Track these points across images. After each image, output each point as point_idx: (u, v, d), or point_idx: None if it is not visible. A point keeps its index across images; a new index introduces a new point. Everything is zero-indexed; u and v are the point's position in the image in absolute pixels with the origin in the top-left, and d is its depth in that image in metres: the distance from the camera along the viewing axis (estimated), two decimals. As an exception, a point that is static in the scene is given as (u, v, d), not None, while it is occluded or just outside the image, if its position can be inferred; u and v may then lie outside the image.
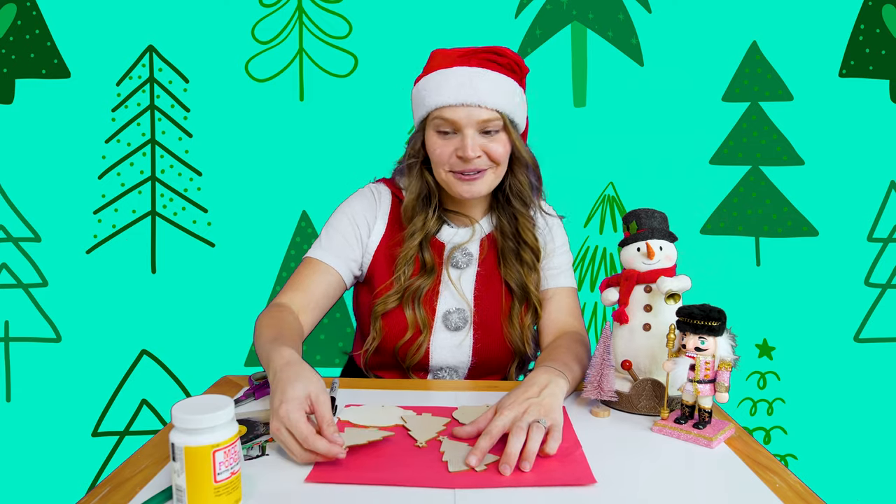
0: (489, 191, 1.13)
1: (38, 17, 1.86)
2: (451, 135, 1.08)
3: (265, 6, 1.91)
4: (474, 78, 1.06)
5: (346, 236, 1.15)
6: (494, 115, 1.07)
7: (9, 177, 1.89)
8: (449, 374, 1.17)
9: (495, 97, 1.07)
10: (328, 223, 1.17)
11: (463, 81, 1.06)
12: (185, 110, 1.92)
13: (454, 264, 1.16)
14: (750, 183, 1.95)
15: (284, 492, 0.70)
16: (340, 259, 1.14)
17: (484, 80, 1.06)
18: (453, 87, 1.06)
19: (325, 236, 1.16)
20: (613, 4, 1.92)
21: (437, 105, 1.07)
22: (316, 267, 1.13)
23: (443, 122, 1.07)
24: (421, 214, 1.15)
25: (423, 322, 1.13)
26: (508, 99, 1.09)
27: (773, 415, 1.98)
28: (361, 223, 1.16)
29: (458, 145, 1.07)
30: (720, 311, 0.82)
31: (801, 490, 0.72)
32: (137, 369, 1.94)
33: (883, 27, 1.91)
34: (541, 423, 0.77)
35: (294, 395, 0.75)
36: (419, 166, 1.15)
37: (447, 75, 1.07)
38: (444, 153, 1.09)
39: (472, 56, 1.09)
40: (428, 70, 1.11)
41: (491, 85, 1.07)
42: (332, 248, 1.14)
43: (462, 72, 1.07)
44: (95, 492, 0.70)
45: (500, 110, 1.07)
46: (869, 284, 1.96)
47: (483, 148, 1.08)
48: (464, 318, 1.15)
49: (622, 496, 0.69)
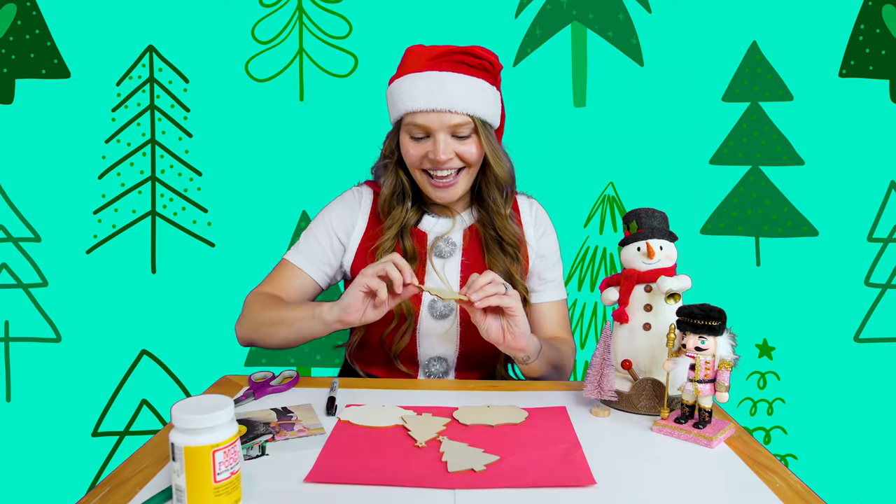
0: (463, 193, 1.16)
1: (38, 17, 1.86)
2: (424, 139, 1.10)
3: (265, 6, 1.91)
4: (444, 83, 1.07)
5: (321, 243, 1.20)
6: (465, 119, 1.08)
7: (9, 177, 1.89)
8: (439, 363, 1.18)
9: (465, 101, 1.07)
10: (308, 228, 1.23)
11: (432, 87, 1.07)
12: (185, 110, 1.92)
13: (438, 253, 1.18)
14: (750, 183, 1.95)
15: (284, 491, 0.70)
16: (314, 265, 1.19)
17: (454, 85, 1.07)
18: (423, 93, 1.07)
19: (304, 241, 1.21)
20: (613, 4, 1.92)
21: (408, 110, 1.09)
22: (293, 271, 1.19)
23: (414, 127, 1.09)
24: (397, 208, 1.18)
25: (408, 310, 1.15)
26: (480, 101, 1.09)
27: (773, 415, 1.98)
28: (339, 229, 1.21)
29: (431, 149, 1.09)
30: (720, 310, 0.82)
31: (801, 490, 0.72)
32: (137, 369, 1.95)
33: (883, 27, 1.91)
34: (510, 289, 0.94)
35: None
36: (394, 165, 1.18)
37: (417, 80, 1.08)
38: (417, 156, 1.11)
39: (442, 60, 1.09)
40: (400, 70, 1.13)
41: (461, 89, 1.07)
42: (307, 253, 1.20)
43: (431, 77, 1.07)
44: (95, 492, 0.70)
45: (471, 114, 1.08)
46: (869, 284, 1.96)
47: (455, 150, 1.10)
48: (449, 307, 1.16)
49: (622, 496, 0.69)
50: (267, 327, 1.10)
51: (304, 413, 0.92)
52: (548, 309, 1.24)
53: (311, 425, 0.88)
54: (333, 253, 1.20)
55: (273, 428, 0.86)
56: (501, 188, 1.17)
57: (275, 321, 1.08)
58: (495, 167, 1.14)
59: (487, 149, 1.12)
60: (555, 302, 1.25)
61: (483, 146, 1.11)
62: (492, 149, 1.13)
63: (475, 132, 1.11)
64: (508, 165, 1.18)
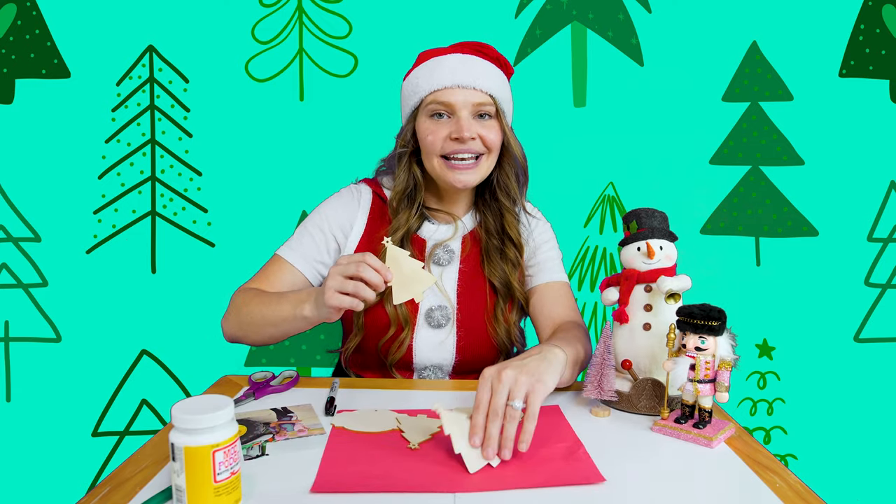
0: (480, 180, 1.15)
1: (38, 17, 1.86)
2: (446, 119, 1.11)
3: (265, 6, 1.91)
4: (466, 63, 1.11)
5: (316, 240, 1.17)
6: (488, 98, 1.11)
7: (9, 177, 1.89)
8: (434, 371, 1.17)
9: (489, 81, 1.11)
10: (303, 224, 1.20)
11: (456, 66, 1.10)
12: (185, 110, 1.92)
13: (436, 261, 1.17)
14: (750, 183, 1.95)
15: (284, 491, 0.69)
16: (307, 262, 1.16)
17: (477, 65, 1.11)
18: (447, 71, 1.10)
19: (297, 237, 1.18)
20: (613, 4, 1.92)
21: (432, 89, 1.10)
22: (285, 267, 1.15)
23: (438, 105, 1.10)
24: (405, 211, 1.16)
25: (405, 318, 1.13)
26: (500, 86, 1.13)
27: (773, 415, 1.98)
28: (336, 227, 1.18)
29: (453, 128, 1.09)
30: (720, 310, 0.82)
31: (801, 490, 0.72)
32: (137, 369, 1.94)
33: (883, 27, 1.91)
34: (514, 406, 0.75)
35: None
36: (408, 157, 1.16)
37: (441, 61, 1.12)
38: (438, 138, 1.10)
39: (463, 46, 1.14)
40: (418, 64, 1.15)
41: (484, 70, 1.11)
42: (300, 250, 1.16)
43: (455, 58, 1.11)
44: (95, 492, 0.70)
45: (493, 95, 1.11)
46: (869, 284, 1.96)
47: (477, 132, 1.10)
48: (446, 316, 1.15)
49: (622, 496, 0.69)
50: (251, 326, 1.05)
51: (304, 413, 0.92)
52: (551, 289, 1.20)
53: (311, 425, 0.88)
54: (328, 251, 1.18)
55: (273, 428, 0.86)
56: (517, 174, 1.19)
57: (258, 321, 1.03)
58: (514, 149, 1.16)
59: (507, 133, 1.14)
60: (557, 282, 1.21)
61: (503, 131, 1.13)
62: (510, 137, 1.15)
63: (496, 116, 1.12)
64: (523, 158, 1.19)
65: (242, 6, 1.90)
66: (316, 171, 1.92)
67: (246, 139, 1.93)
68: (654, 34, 1.92)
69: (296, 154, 1.93)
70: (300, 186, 1.93)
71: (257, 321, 1.04)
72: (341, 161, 1.91)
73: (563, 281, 1.22)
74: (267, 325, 1.03)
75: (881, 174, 1.94)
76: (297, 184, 1.93)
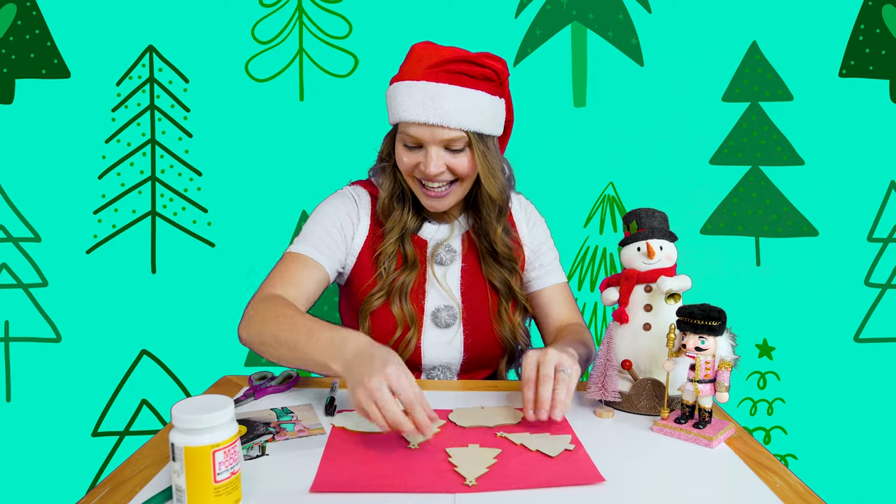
0: (456, 203, 1.14)
1: (38, 17, 1.86)
2: (417, 149, 1.08)
3: (265, 6, 1.90)
4: (437, 98, 1.02)
5: (330, 233, 1.13)
6: (459, 133, 1.04)
7: (9, 177, 1.89)
8: (442, 371, 1.17)
9: (460, 116, 1.03)
10: (311, 220, 1.16)
11: (426, 100, 1.03)
12: (185, 110, 1.92)
13: (438, 261, 1.17)
14: (750, 183, 1.95)
15: (284, 491, 0.69)
16: (325, 255, 1.11)
17: (448, 99, 1.02)
18: (417, 104, 1.03)
19: (309, 232, 1.13)
20: (613, 4, 1.92)
21: (401, 119, 1.06)
22: (304, 262, 1.09)
23: (407, 137, 1.07)
24: (397, 210, 1.16)
25: (412, 318, 1.13)
26: (476, 114, 1.05)
27: (773, 415, 1.98)
28: (346, 223, 1.16)
29: (422, 160, 1.07)
30: (720, 310, 0.82)
31: (801, 490, 0.72)
32: (137, 369, 1.94)
33: (883, 27, 1.91)
34: (565, 370, 0.86)
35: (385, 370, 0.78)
36: (391, 168, 1.16)
37: (411, 90, 1.04)
38: (409, 165, 1.09)
39: (440, 70, 1.04)
40: (401, 71, 1.09)
41: (456, 103, 1.03)
42: (316, 244, 1.11)
43: (426, 88, 1.03)
44: (95, 492, 0.70)
45: (465, 128, 1.04)
46: (869, 284, 1.96)
47: (447, 163, 1.07)
48: (453, 315, 1.15)
49: (622, 496, 0.69)
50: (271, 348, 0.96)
51: (304, 413, 0.92)
52: (553, 293, 1.22)
53: (311, 425, 0.88)
54: (339, 245, 1.14)
55: (273, 428, 0.86)
56: (496, 203, 1.13)
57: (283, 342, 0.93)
58: (487, 186, 1.10)
59: (480, 164, 1.08)
60: (558, 285, 1.23)
61: (476, 161, 1.08)
62: (486, 164, 1.08)
63: (469, 146, 1.07)
64: (503, 182, 1.12)
65: (242, 6, 1.90)
66: (316, 171, 1.92)
67: (246, 139, 1.93)
68: (654, 34, 1.92)
69: (296, 154, 1.93)
70: (300, 186, 1.93)
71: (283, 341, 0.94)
72: (341, 161, 1.90)
73: (563, 282, 1.25)
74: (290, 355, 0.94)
75: (881, 174, 1.94)
76: (297, 184, 1.93)
